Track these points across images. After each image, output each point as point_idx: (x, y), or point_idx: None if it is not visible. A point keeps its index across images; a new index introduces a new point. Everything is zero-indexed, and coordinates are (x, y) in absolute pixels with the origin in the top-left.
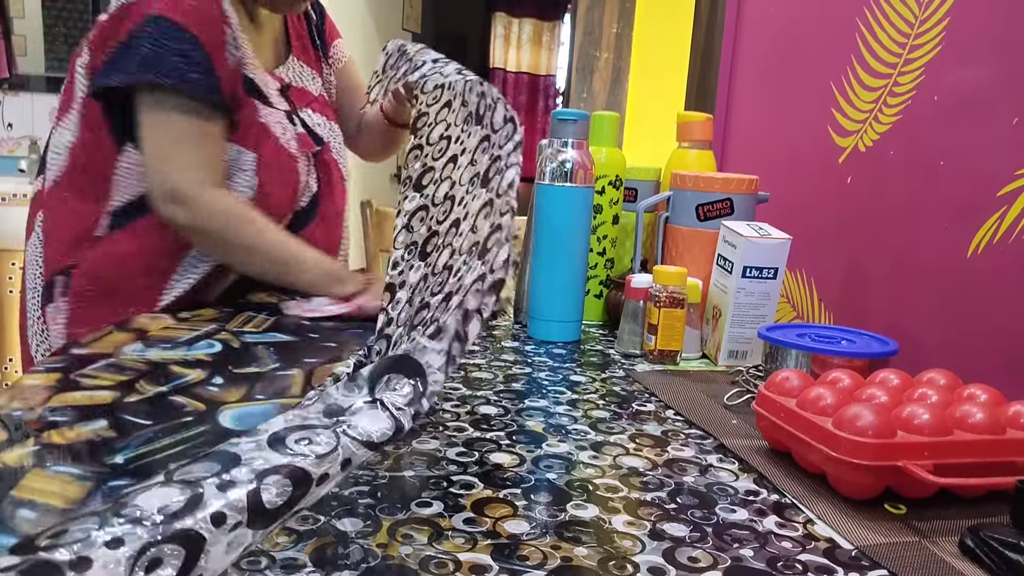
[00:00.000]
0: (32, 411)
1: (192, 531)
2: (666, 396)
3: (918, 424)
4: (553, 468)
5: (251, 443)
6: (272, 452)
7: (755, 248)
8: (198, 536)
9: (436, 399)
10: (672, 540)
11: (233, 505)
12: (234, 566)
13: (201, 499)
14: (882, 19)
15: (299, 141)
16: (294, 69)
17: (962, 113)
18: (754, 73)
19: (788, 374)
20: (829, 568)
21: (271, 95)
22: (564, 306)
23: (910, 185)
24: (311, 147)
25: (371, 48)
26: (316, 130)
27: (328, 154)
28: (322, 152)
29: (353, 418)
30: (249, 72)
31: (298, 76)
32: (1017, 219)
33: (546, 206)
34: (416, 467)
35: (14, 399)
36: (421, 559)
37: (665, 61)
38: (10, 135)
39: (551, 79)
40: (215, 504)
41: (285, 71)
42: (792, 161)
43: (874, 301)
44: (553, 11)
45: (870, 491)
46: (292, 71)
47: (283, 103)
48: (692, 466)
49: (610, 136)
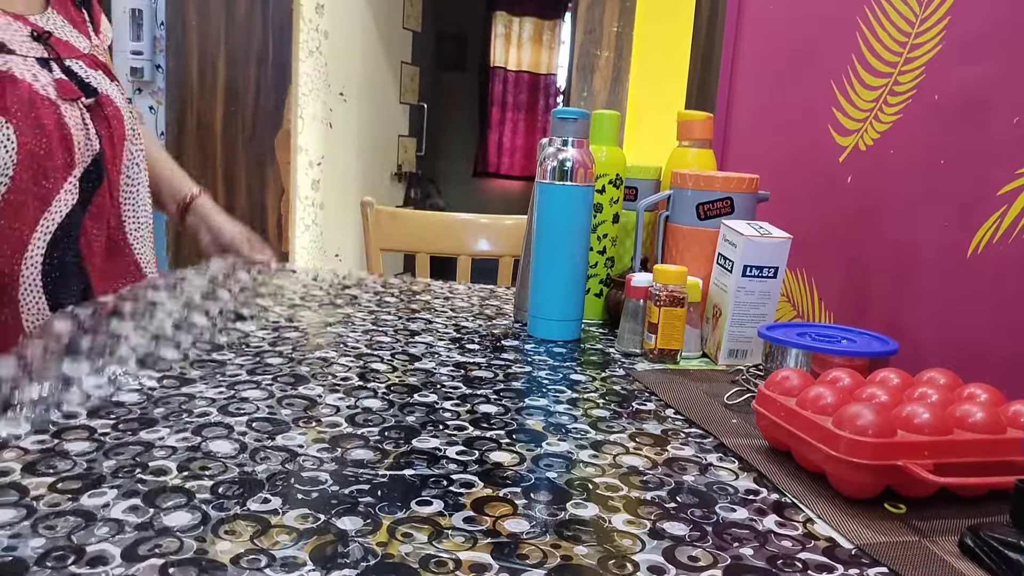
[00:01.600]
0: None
1: None
2: (666, 395)
3: (918, 423)
4: (553, 467)
5: None
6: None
7: (755, 247)
8: None
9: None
10: (672, 539)
11: None
12: (234, 565)
13: None
14: (882, 18)
15: (59, 87)
16: (54, 20)
17: (962, 112)
18: (754, 72)
19: (788, 373)
20: (829, 567)
21: (13, 41)
22: (565, 305)
23: (910, 184)
24: (76, 95)
25: (371, 47)
26: (89, 81)
27: (111, 108)
28: (102, 106)
29: None
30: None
31: (60, 29)
32: (1017, 218)
33: (546, 205)
34: (416, 466)
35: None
36: (421, 558)
37: (665, 60)
38: None
39: (552, 78)
40: None
41: (42, 20)
42: (792, 160)
43: (874, 300)
44: (554, 10)
45: (870, 490)
46: (52, 22)
47: (37, 49)
48: (692, 465)
49: (610, 135)
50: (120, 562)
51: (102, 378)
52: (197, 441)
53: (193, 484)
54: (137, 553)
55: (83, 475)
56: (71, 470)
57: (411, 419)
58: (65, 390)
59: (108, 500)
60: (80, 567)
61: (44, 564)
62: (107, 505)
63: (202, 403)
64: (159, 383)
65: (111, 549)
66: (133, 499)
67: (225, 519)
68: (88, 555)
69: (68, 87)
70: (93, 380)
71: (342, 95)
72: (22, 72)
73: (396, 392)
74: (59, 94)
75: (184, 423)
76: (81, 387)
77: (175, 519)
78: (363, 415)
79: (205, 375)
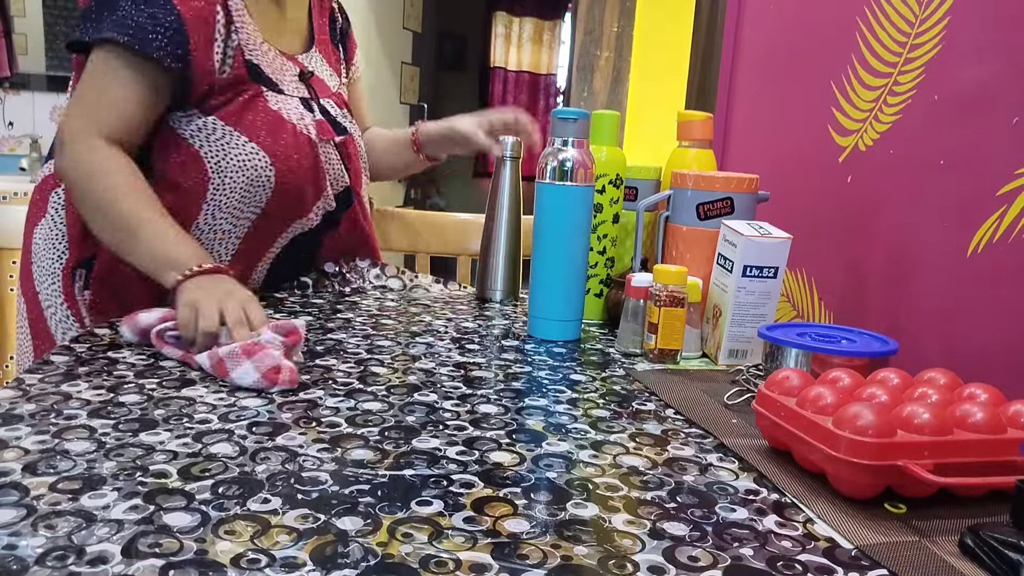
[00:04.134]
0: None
1: None
2: (666, 395)
3: (918, 423)
4: (553, 467)
5: None
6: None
7: (755, 247)
8: None
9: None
10: (672, 539)
11: None
12: (234, 565)
13: None
14: (882, 18)
15: (319, 128)
16: (315, 61)
17: (962, 112)
18: (754, 72)
19: (788, 373)
20: (829, 568)
21: (283, 81)
22: (565, 305)
23: (910, 184)
24: (332, 135)
25: (371, 47)
26: (339, 120)
27: (352, 147)
28: (347, 144)
29: None
30: (254, 58)
31: (319, 68)
32: (1017, 218)
33: (546, 205)
34: (416, 466)
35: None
36: (421, 558)
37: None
38: (11, 134)
39: (552, 78)
40: None
41: (307, 59)
42: (792, 160)
43: (874, 300)
44: (554, 10)
45: (870, 490)
46: (314, 62)
47: (300, 89)
48: (692, 465)
49: (611, 135)
50: (120, 559)
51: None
52: (197, 448)
53: (193, 485)
54: (137, 552)
55: (83, 475)
56: (71, 470)
57: (411, 419)
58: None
59: (108, 501)
60: (80, 567)
61: (44, 563)
62: (107, 507)
63: (203, 408)
64: (159, 384)
65: (111, 549)
66: (134, 499)
67: (225, 519)
68: (88, 555)
69: (326, 128)
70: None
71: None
72: (289, 113)
73: (396, 393)
74: (319, 134)
75: (185, 427)
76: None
77: (175, 519)
78: (363, 416)
79: (205, 377)
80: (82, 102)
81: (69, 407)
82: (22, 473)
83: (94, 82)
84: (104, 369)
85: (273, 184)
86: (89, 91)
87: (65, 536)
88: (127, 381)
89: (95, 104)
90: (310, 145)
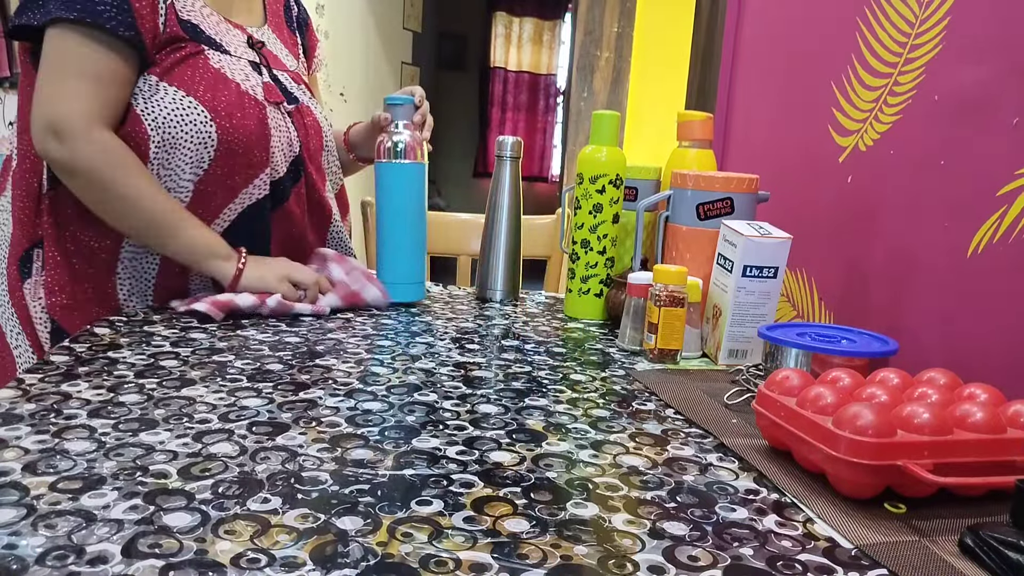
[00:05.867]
0: None
1: None
2: (666, 395)
3: (918, 423)
4: (553, 467)
5: None
6: None
7: (755, 247)
8: None
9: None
10: (672, 539)
11: None
12: (234, 565)
13: None
14: (882, 18)
15: (266, 90)
16: (268, 35)
17: (962, 113)
18: (754, 72)
19: (788, 373)
20: (829, 567)
21: (230, 43)
22: (408, 269)
23: (910, 184)
24: (280, 98)
25: (371, 48)
26: (292, 91)
27: (310, 118)
28: (302, 114)
29: None
30: (192, 18)
31: (272, 44)
32: (1017, 219)
33: (388, 182)
34: (416, 465)
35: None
36: (421, 558)
37: (665, 60)
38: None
39: (552, 78)
40: None
41: (259, 33)
42: (792, 160)
43: (874, 300)
44: (554, 10)
45: (870, 490)
46: (266, 36)
47: (249, 54)
48: (692, 465)
49: (610, 135)
50: (120, 559)
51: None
52: (197, 448)
53: (193, 485)
54: (137, 552)
55: (83, 475)
56: (71, 469)
57: (411, 419)
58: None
59: (109, 501)
60: (80, 566)
61: (44, 563)
62: (107, 506)
63: (203, 408)
64: (159, 384)
65: (111, 548)
66: (134, 499)
67: (225, 519)
68: (88, 555)
69: (274, 91)
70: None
71: (343, 95)
72: (233, 72)
73: (396, 393)
74: (266, 96)
75: (185, 427)
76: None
77: (175, 519)
78: (363, 415)
79: (205, 376)
80: (60, 86)
81: (69, 407)
82: (22, 473)
83: (63, 65)
84: (104, 369)
85: (215, 142)
86: (61, 74)
87: (65, 536)
88: (127, 381)
89: (77, 87)
90: (256, 106)
